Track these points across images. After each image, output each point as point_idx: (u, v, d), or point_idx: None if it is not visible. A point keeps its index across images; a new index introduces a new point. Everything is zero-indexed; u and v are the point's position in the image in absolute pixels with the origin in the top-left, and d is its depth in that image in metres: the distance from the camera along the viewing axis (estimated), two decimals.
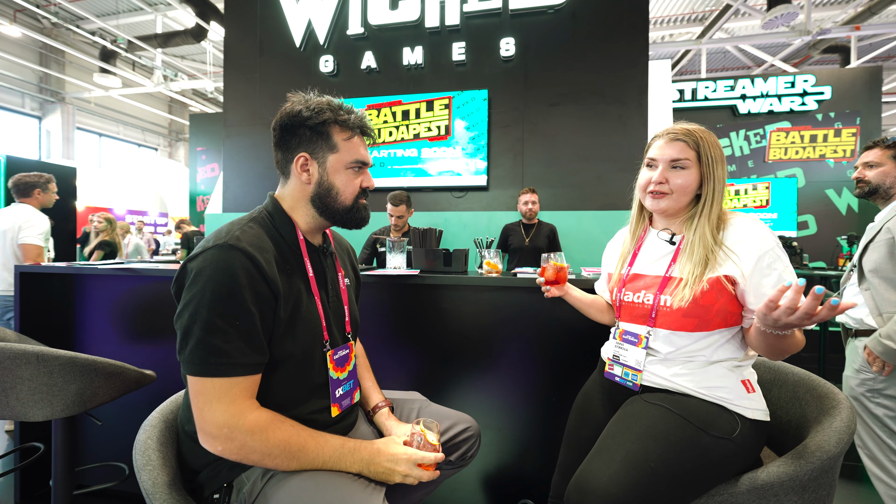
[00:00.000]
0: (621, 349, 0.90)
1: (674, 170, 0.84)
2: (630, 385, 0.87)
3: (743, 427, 0.75)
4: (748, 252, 0.76)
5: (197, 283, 0.62)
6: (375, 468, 0.68)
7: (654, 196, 0.86)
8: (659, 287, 0.84)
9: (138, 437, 0.68)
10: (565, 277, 1.04)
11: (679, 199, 0.84)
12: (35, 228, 2.29)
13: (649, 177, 0.87)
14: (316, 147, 0.77)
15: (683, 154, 0.83)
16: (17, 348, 0.97)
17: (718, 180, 0.82)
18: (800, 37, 7.58)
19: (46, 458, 1.57)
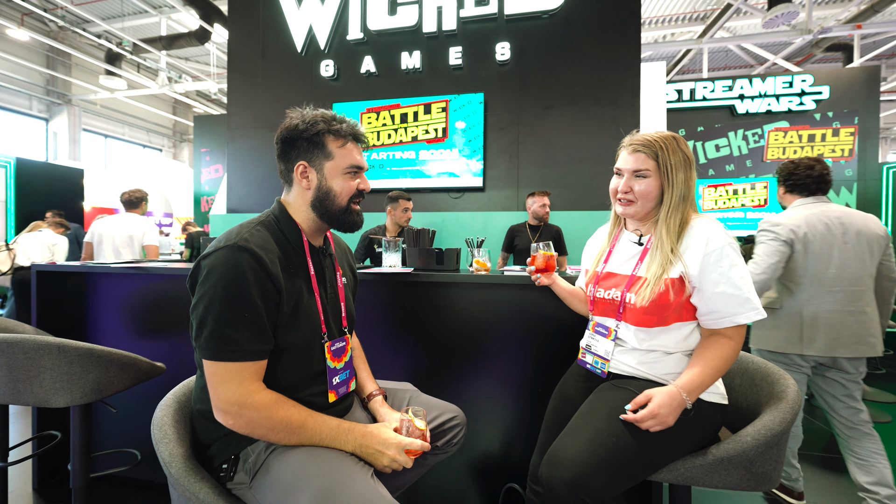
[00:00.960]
0: (593, 340, 0.98)
1: (637, 178, 0.91)
2: (598, 372, 0.94)
3: (700, 409, 0.82)
4: (695, 253, 0.84)
5: (210, 279, 0.71)
6: (366, 449, 0.76)
7: (622, 203, 0.94)
8: (626, 285, 0.92)
9: (155, 415, 0.76)
10: (554, 266, 1.10)
11: (644, 205, 0.92)
12: (153, 232, 3.07)
13: (616, 185, 0.95)
14: (313, 156, 0.85)
15: (644, 165, 0.90)
16: (40, 340, 1.06)
17: (677, 186, 0.89)
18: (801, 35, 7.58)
19: (62, 445, 1.67)
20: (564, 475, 0.75)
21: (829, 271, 1.42)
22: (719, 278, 0.82)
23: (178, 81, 10.15)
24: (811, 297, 1.45)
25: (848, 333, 1.40)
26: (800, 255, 1.44)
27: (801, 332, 1.45)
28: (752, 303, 0.81)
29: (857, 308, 1.41)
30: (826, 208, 1.50)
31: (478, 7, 2.93)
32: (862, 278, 1.43)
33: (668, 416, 0.77)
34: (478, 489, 1.39)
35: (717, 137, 6.50)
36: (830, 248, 1.43)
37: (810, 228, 1.44)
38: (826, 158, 6.03)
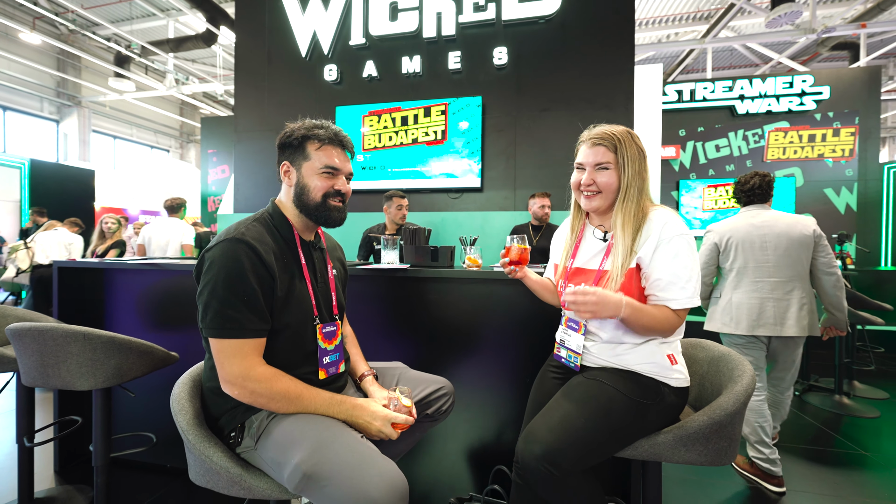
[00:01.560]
0: (566, 335, 1.05)
1: (598, 171, 0.98)
2: (572, 366, 1.02)
3: (666, 393, 0.90)
4: (650, 241, 0.91)
5: (213, 268, 0.81)
6: (357, 420, 0.85)
7: (587, 196, 1.00)
8: (594, 280, 0.99)
9: (173, 391, 0.86)
10: (527, 259, 1.12)
11: (608, 197, 0.98)
12: (191, 234, 3.52)
13: (579, 178, 1.01)
14: (294, 157, 0.97)
15: (605, 157, 0.97)
16: (68, 328, 1.16)
17: (634, 176, 0.95)
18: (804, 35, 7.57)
19: (82, 430, 1.78)
20: (536, 450, 0.84)
21: (748, 265, 1.74)
22: (662, 265, 0.90)
23: (185, 83, 10.31)
24: (737, 287, 1.77)
25: (768, 316, 1.70)
26: (724, 253, 1.80)
27: (731, 315, 1.77)
28: (687, 291, 0.89)
29: (777, 296, 1.70)
30: (755, 214, 1.79)
31: (476, 13, 3.01)
32: (781, 271, 1.70)
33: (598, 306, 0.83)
34: (469, 471, 1.48)
35: (718, 138, 6.53)
36: (751, 247, 1.73)
37: (734, 233, 1.77)
38: (826, 158, 6.06)
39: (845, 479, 1.83)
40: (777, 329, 1.69)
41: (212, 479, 0.77)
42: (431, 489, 1.51)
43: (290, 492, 0.75)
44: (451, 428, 1.49)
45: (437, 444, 1.51)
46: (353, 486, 0.69)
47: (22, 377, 1.22)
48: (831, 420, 2.47)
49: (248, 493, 0.76)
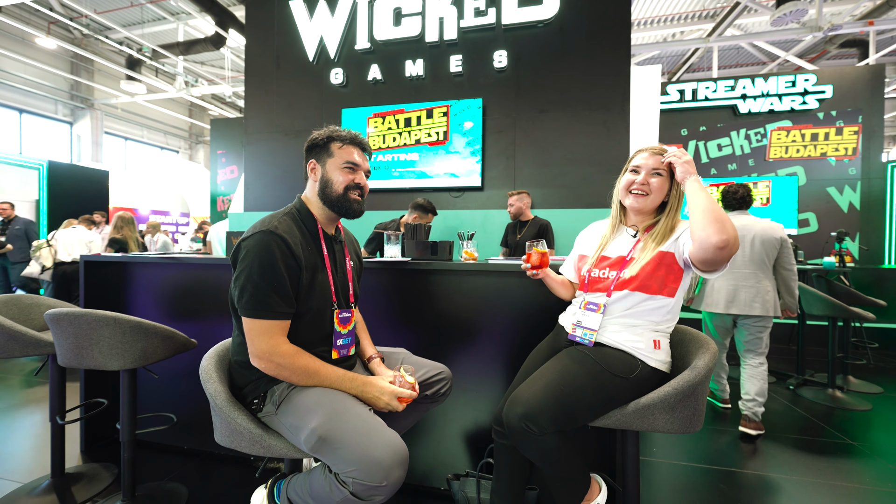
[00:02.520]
0: (584, 316, 1.14)
1: (653, 175, 1.11)
2: (587, 342, 1.11)
3: (641, 371, 1.00)
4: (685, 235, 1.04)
5: (248, 256, 0.92)
6: (366, 395, 0.96)
7: (636, 195, 1.12)
8: (619, 266, 1.11)
9: (202, 363, 0.97)
10: (548, 262, 1.24)
11: (655, 199, 1.12)
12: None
13: (633, 179, 1.13)
14: (320, 156, 1.09)
15: (661, 165, 1.10)
16: (100, 314, 1.28)
17: (677, 194, 1.11)
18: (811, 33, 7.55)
19: (107, 412, 1.91)
20: (518, 410, 0.95)
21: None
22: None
23: (195, 85, 10.52)
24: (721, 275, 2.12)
25: (741, 298, 2.18)
26: None
27: (712, 296, 2.26)
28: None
29: (748, 284, 2.17)
30: (737, 217, 2.25)
31: (477, 17, 3.11)
32: (752, 265, 2.17)
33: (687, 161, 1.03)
34: (466, 451, 1.58)
35: (720, 137, 6.56)
36: None
37: None
38: (829, 157, 6.07)
39: (830, 466, 1.90)
40: (746, 309, 2.17)
41: (235, 440, 0.89)
42: (432, 468, 1.62)
43: (306, 452, 0.86)
44: (449, 411, 1.59)
45: (436, 427, 1.62)
46: (362, 449, 0.80)
47: (58, 358, 1.34)
48: (823, 413, 2.53)
49: (267, 451, 0.88)
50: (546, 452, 0.97)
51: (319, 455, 0.83)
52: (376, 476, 0.77)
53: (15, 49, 9.71)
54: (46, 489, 1.56)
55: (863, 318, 2.64)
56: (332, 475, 0.82)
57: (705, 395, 0.96)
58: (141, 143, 13.30)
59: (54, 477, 1.61)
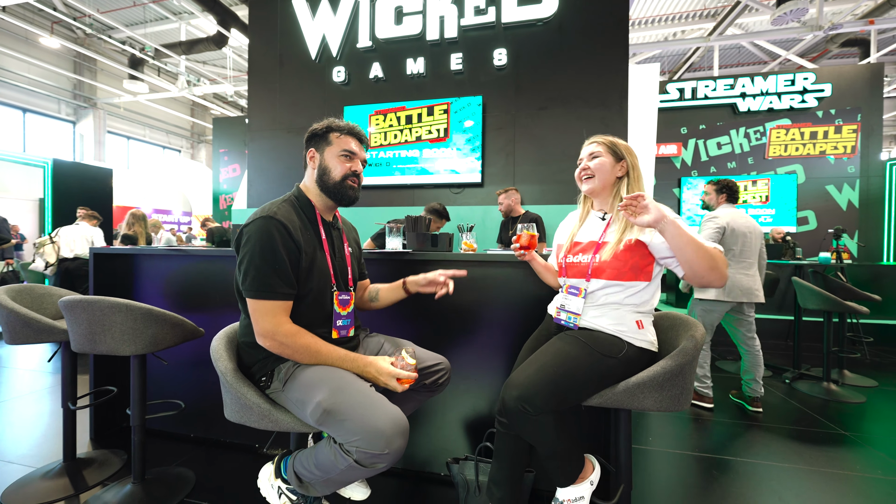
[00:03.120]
0: (566, 300, 1.19)
1: (591, 159, 1.19)
2: (571, 326, 1.16)
3: (629, 351, 1.05)
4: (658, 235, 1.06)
5: (250, 241, 0.97)
6: (366, 374, 1.00)
7: (584, 180, 1.21)
8: (594, 250, 1.15)
9: (213, 344, 1.02)
10: (535, 244, 1.30)
11: (601, 178, 1.18)
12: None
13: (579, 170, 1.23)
14: (319, 145, 1.14)
15: (596, 149, 1.19)
16: (113, 300, 1.33)
17: (634, 167, 1.17)
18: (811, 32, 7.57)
19: (116, 400, 1.96)
20: (514, 393, 0.99)
21: (734, 248, 2.33)
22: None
23: (197, 84, 10.56)
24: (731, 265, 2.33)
25: (748, 287, 2.33)
26: (727, 236, 2.32)
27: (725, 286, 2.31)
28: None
29: (751, 273, 2.36)
30: (739, 211, 2.44)
31: (477, 16, 3.16)
32: (753, 255, 2.37)
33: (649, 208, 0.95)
34: (465, 437, 1.63)
35: (719, 135, 6.59)
36: (741, 235, 2.32)
37: (733, 221, 2.34)
38: (828, 155, 6.10)
39: (822, 455, 1.94)
40: (754, 297, 2.35)
41: (245, 415, 0.93)
42: (433, 453, 1.66)
43: (311, 425, 0.91)
44: (448, 399, 1.64)
45: (436, 415, 1.66)
46: (365, 420, 0.84)
47: (72, 344, 1.39)
48: (817, 405, 2.57)
49: (275, 426, 0.92)
50: (542, 431, 1.02)
51: (325, 427, 0.87)
52: (378, 444, 0.82)
53: (18, 48, 9.78)
54: (59, 473, 1.61)
55: (857, 312, 2.67)
56: (336, 445, 0.87)
57: (693, 375, 1.00)
58: (143, 142, 13.36)
59: (66, 461, 1.66)
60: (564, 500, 1.12)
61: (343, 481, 0.88)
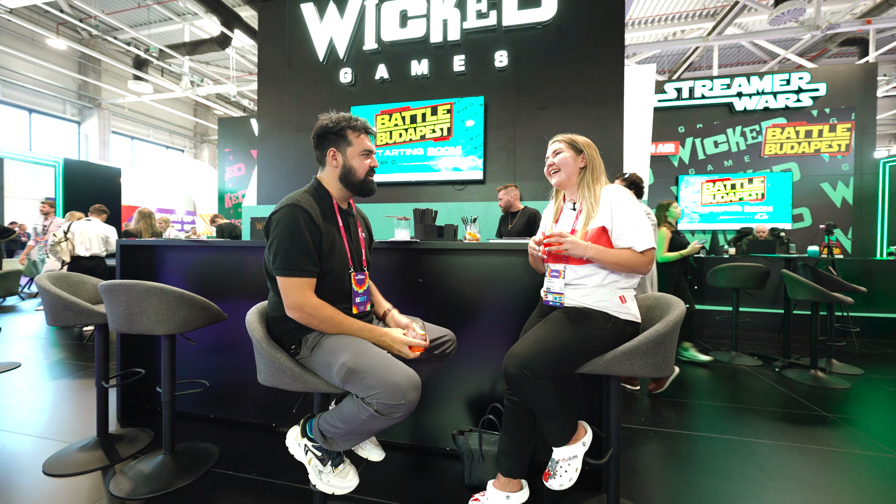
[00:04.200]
0: (550, 283, 1.33)
1: (556, 155, 1.33)
2: (558, 304, 1.29)
3: (614, 323, 1.17)
4: (605, 208, 1.22)
5: (279, 226, 1.10)
6: (382, 343, 1.13)
7: (552, 174, 1.35)
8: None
9: (247, 317, 1.14)
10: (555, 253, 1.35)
11: (567, 172, 1.31)
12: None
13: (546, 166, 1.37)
14: (339, 144, 1.24)
15: (559, 146, 1.33)
16: (149, 284, 1.45)
17: (592, 159, 1.31)
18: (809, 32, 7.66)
19: (141, 382, 2.09)
20: (515, 361, 1.13)
21: None
22: (620, 221, 1.21)
23: (200, 85, 10.68)
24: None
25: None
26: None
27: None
28: (641, 235, 1.19)
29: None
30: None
31: (479, 20, 3.28)
32: None
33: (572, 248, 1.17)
34: (469, 411, 1.76)
35: (716, 134, 6.71)
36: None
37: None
38: (823, 154, 6.22)
39: (803, 433, 2.07)
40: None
41: (278, 378, 1.06)
42: (440, 427, 1.79)
43: (336, 384, 1.04)
44: (454, 378, 1.76)
45: (443, 394, 1.79)
46: (384, 376, 0.97)
47: (110, 325, 1.52)
48: (803, 390, 2.70)
49: (305, 386, 1.05)
50: (539, 395, 1.15)
51: (348, 384, 1.00)
52: (395, 396, 0.95)
53: (25, 50, 9.91)
54: (94, 446, 1.74)
55: (842, 302, 2.80)
56: (358, 399, 0.99)
57: (674, 345, 1.13)
58: (147, 142, 13.49)
59: (100, 436, 1.79)
60: (560, 458, 1.25)
61: (364, 431, 1.01)
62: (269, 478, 1.59)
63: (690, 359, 3.21)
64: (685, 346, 3.24)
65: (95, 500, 1.45)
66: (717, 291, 4.66)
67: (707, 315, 4.43)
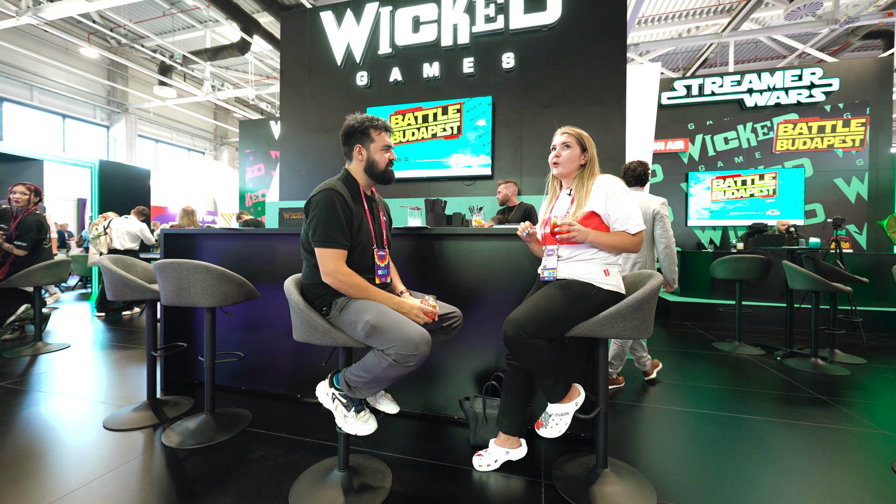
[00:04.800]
0: (546, 260, 1.50)
1: (563, 148, 1.46)
2: (552, 278, 1.46)
3: (598, 292, 1.34)
4: (600, 196, 1.38)
5: (318, 206, 1.30)
6: (399, 308, 1.32)
7: (555, 164, 1.49)
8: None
9: (286, 284, 1.35)
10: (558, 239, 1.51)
11: (567, 165, 1.46)
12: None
13: (551, 156, 1.50)
14: (364, 141, 1.45)
15: (570, 140, 1.46)
16: (196, 263, 1.68)
17: (592, 157, 1.46)
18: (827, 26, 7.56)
19: (181, 356, 2.33)
20: (513, 323, 1.30)
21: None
22: (616, 209, 1.36)
23: (221, 89, 11.11)
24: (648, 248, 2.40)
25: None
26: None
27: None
28: (635, 220, 1.36)
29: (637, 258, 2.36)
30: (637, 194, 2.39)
31: (487, 24, 3.46)
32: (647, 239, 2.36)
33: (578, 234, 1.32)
34: (474, 381, 1.94)
35: (726, 130, 6.72)
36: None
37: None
38: (836, 149, 6.19)
39: (791, 410, 2.19)
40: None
41: (311, 334, 1.26)
42: (448, 399, 1.98)
43: (360, 339, 1.23)
44: (461, 352, 1.94)
45: (451, 367, 1.97)
46: (401, 331, 1.16)
47: (162, 299, 1.75)
48: (801, 377, 2.78)
49: (334, 341, 1.25)
50: (534, 353, 1.32)
51: (370, 339, 1.20)
52: (409, 348, 1.14)
53: (59, 58, 10.50)
54: (145, 408, 1.98)
55: (840, 291, 2.87)
56: (379, 351, 1.19)
57: (651, 310, 1.29)
58: (171, 145, 14.05)
59: (149, 399, 2.03)
60: (553, 413, 1.42)
61: (383, 379, 1.20)
62: (296, 436, 1.80)
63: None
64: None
65: (150, 449, 1.68)
66: (722, 285, 4.73)
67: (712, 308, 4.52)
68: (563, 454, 1.66)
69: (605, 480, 1.41)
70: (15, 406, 2.07)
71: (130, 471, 1.52)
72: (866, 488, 1.48)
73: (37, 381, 2.43)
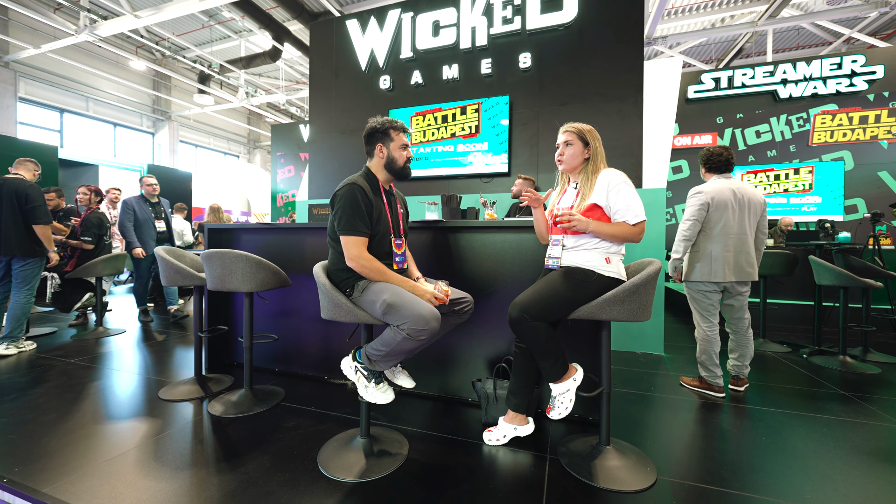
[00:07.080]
0: (552, 249, 1.60)
1: (565, 146, 1.56)
2: (556, 266, 1.57)
3: (598, 279, 1.44)
4: (602, 189, 1.46)
5: (343, 199, 1.46)
6: (414, 291, 1.46)
7: (559, 161, 1.59)
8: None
9: (315, 269, 1.52)
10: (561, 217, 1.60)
11: (570, 162, 1.56)
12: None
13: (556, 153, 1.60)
14: (384, 140, 1.61)
15: (570, 137, 1.56)
16: (238, 252, 1.89)
17: (595, 151, 1.54)
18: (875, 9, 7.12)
19: (221, 339, 2.58)
20: (518, 306, 1.42)
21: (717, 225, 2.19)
22: (617, 200, 1.45)
23: (254, 95, 11.69)
24: (716, 241, 2.20)
25: (741, 264, 2.18)
26: (712, 212, 2.20)
27: (710, 266, 2.21)
28: (635, 211, 1.44)
29: (745, 250, 2.19)
30: (729, 182, 2.24)
31: (504, 25, 3.56)
32: (749, 229, 2.20)
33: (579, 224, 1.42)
34: (486, 364, 2.06)
35: (758, 123, 6.48)
36: (724, 209, 2.18)
37: (718, 195, 2.19)
38: (881, 140, 5.85)
39: (808, 404, 2.17)
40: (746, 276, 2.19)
41: (336, 312, 1.43)
42: (462, 382, 2.11)
43: (378, 317, 1.39)
44: (474, 338, 2.07)
45: (464, 353, 2.10)
46: (413, 309, 1.31)
47: (208, 284, 1.98)
48: (827, 373, 2.72)
49: (356, 318, 1.41)
50: (536, 335, 1.43)
51: (387, 315, 1.35)
52: (420, 323, 1.29)
53: (110, 71, 11.37)
54: (192, 382, 2.23)
55: (870, 287, 2.79)
56: (395, 327, 1.34)
57: (649, 295, 1.37)
58: (208, 149, 14.87)
59: (196, 376, 2.27)
60: (556, 393, 1.52)
61: (399, 351, 1.35)
62: (324, 410, 1.99)
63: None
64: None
65: (199, 416, 1.91)
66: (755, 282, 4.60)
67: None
68: (568, 434, 1.76)
69: (607, 456, 1.51)
70: (88, 379, 2.38)
71: (185, 432, 1.75)
72: (872, 477, 1.50)
73: (102, 360, 2.75)
